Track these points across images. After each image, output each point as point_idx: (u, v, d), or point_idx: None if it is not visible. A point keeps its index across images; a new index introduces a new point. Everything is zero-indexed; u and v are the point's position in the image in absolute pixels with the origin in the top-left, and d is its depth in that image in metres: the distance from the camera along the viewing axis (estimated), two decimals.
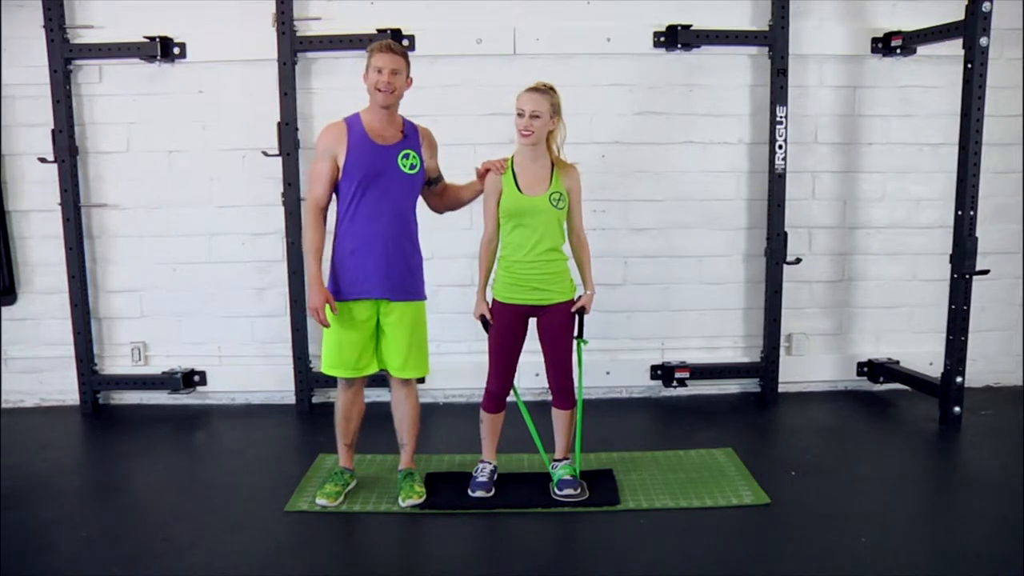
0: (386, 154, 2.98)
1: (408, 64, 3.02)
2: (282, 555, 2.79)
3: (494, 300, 3.15)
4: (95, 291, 4.43)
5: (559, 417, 3.23)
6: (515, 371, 3.19)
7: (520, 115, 2.98)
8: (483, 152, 4.07)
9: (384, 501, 3.16)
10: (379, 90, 2.93)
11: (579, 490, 3.15)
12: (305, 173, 4.13)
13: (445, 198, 3.27)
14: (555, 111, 3.01)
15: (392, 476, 3.33)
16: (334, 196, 3.05)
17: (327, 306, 2.96)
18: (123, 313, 4.46)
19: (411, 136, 3.06)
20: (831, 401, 4.43)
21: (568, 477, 3.18)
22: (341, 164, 2.97)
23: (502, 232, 3.11)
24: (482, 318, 3.17)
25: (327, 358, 3.10)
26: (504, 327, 3.11)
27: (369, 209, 2.97)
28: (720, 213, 4.41)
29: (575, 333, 3.18)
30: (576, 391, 3.21)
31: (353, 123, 3.02)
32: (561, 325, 3.12)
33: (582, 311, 3.15)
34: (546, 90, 3.00)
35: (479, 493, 3.16)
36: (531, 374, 3.94)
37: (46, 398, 4.52)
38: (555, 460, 3.28)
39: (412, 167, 3.01)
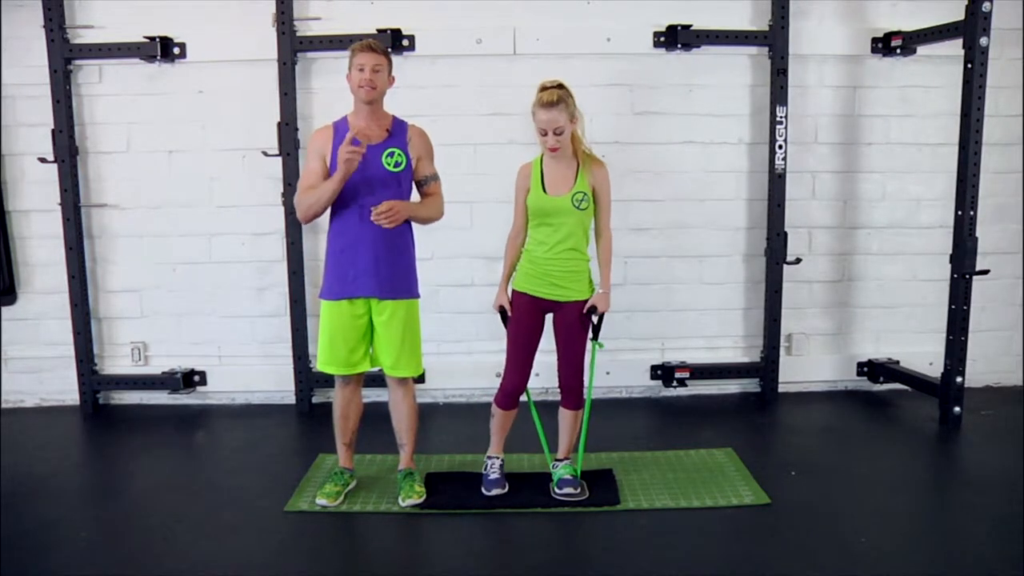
0: (370, 153, 2.98)
1: (390, 63, 3.03)
2: (282, 555, 2.79)
3: (513, 291, 3.15)
4: (95, 291, 4.43)
5: (565, 417, 3.22)
6: (531, 369, 3.17)
7: (543, 134, 2.97)
8: (483, 152, 4.10)
9: (384, 501, 3.16)
10: (361, 87, 2.95)
11: (579, 489, 3.15)
12: None
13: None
14: (572, 114, 2.98)
15: (392, 476, 3.33)
16: None
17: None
18: (123, 313, 4.46)
19: (397, 134, 3.06)
20: (831, 401, 4.43)
21: (568, 476, 3.18)
22: (328, 164, 3.01)
23: (529, 226, 3.11)
24: (501, 309, 3.17)
25: (321, 354, 3.12)
26: (521, 318, 3.11)
27: (357, 208, 2.98)
28: (720, 213, 4.41)
29: (590, 335, 3.17)
30: (585, 392, 3.19)
31: (340, 125, 3.06)
32: (575, 323, 3.11)
33: (595, 311, 3.12)
34: (559, 100, 2.92)
35: (495, 491, 3.16)
36: (533, 373, 3.93)
37: (46, 398, 4.52)
38: (556, 460, 3.28)
39: (397, 165, 3.02)
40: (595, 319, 3.15)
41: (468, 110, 4.24)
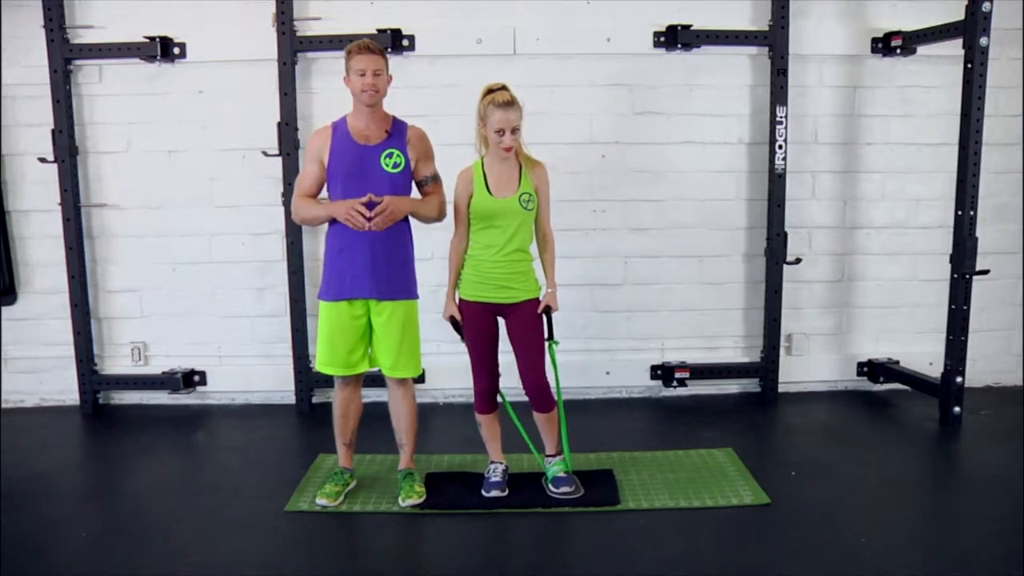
0: (368, 154, 2.99)
1: (387, 62, 3.03)
2: (282, 555, 2.80)
3: (461, 300, 3.15)
4: (95, 291, 4.43)
5: (540, 420, 3.20)
6: (498, 367, 3.18)
7: (500, 133, 2.97)
8: None
9: (384, 501, 3.16)
10: (364, 91, 2.94)
11: (574, 487, 3.15)
12: None
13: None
14: (521, 113, 3.01)
15: (392, 476, 3.33)
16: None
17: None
18: (123, 313, 4.46)
19: (397, 135, 3.06)
20: (831, 401, 4.43)
21: (563, 474, 3.18)
22: (326, 166, 3.01)
23: (471, 231, 3.11)
24: (452, 319, 3.17)
25: (320, 355, 3.13)
26: (475, 325, 3.12)
27: None
28: (720, 213, 4.41)
29: (545, 335, 3.16)
30: (554, 392, 3.18)
31: (339, 126, 3.06)
32: (529, 323, 3.11)
33: (549, 310, 3.14)
34: (513, 100, 2.97)
35: (494, 493, 3.15)
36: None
37: (46, 398, 4.52)
38: (547, 456, 3.27)
39: (395, 166, 3.02)
40: (546, 318, 3.15)
41: (468, 110, 4.20)
